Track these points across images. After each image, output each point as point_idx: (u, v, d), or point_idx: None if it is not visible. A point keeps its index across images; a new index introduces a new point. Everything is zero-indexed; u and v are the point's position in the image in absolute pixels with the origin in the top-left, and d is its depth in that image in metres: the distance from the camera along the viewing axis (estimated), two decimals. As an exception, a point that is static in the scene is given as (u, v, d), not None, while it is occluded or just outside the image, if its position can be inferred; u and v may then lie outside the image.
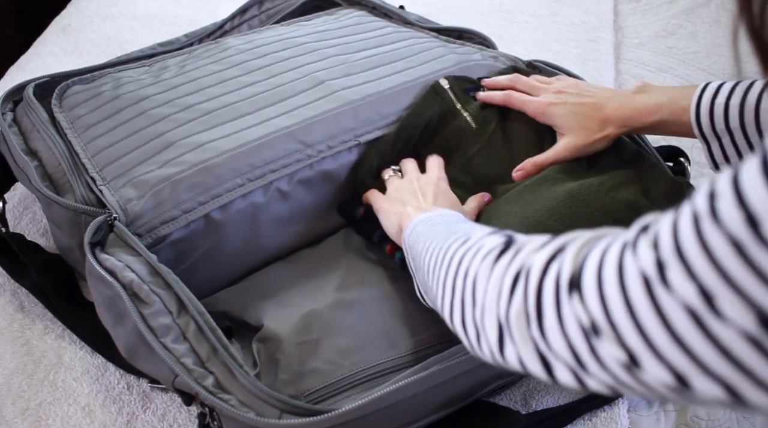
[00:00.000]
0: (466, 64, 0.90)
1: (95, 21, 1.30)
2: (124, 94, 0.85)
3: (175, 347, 0.62)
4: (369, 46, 0.93)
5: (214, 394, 0.59)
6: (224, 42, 0.96)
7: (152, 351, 0.62)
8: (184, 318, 0.64)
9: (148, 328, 0.62)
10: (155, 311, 0.63)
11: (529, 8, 1.35)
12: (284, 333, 0.68)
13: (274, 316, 0.71)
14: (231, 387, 0.60)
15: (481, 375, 0.65)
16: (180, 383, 0.61)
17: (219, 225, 0.73)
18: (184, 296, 0.65)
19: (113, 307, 0.65)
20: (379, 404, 0.58)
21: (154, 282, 0.66)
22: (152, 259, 0.67)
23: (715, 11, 1.33)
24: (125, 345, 0.65)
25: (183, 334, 0.63)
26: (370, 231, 0.79)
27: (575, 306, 0.38)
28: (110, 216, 0.70)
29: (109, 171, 0.76)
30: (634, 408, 0.71)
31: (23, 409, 0.70)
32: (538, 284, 0.42)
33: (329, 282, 0.76)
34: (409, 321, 0.72)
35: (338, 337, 0.69)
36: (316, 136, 0.78)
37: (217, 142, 0.77)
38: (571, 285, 0.39)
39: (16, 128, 0.86)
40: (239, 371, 0.60)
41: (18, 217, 0.91)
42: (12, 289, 0.82)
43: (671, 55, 1.23)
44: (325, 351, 0.68)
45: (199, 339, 0.63)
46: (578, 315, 0.38)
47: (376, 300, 0.74)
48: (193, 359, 0.61)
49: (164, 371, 0.62)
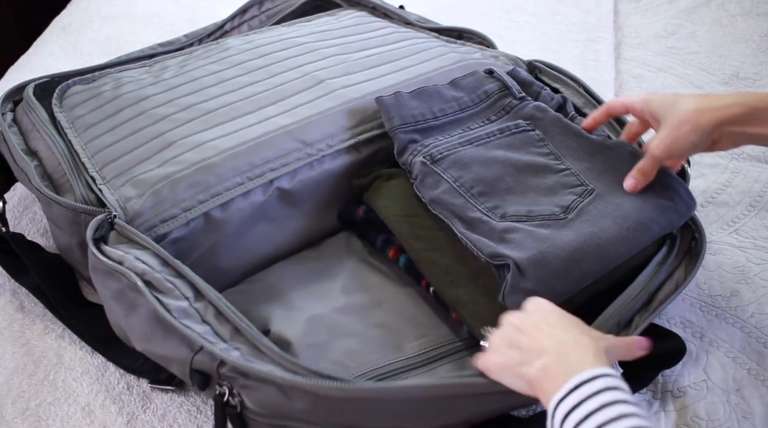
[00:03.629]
0: (466, 63, 0.90)
1: (95, 21, 1.30)
2: (124, 94, 0.85)
3: (194, 326, 0.62)
4: (369, 45, 0.94)
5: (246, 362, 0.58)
6: (224, 42, 0.96)
7: (169, 333, 0.61)
8: (202, 303, 0.64)
9: (166, 309, 0.62)
10: (172, 297, 0.63)
11: (529, 8, 1.35)
12: (292, 337, 0.68)
13: (281, 320, 0.71)
14: (258, 360, 0.60)
15: (501, 404, 0.63)
16: (200, 360, 0.60)
17: (219, 224, 0.73)
18: (199, 283, 0.65)
19: (124, 299, 0.65)
20: (414, 393, 0.58)
21: (166, 271, 0.66)
22: (161, 251, 0.67)
23: (715, 11, 1.33)
24: (140, 333, 0.64)
25: (202, 318, 0.63)
26: (372, 236, 0.79)
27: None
28: (110, 214, 0.70)
29: (109, 170, 0.76)
30: (635, 408, 0.71)
31: (23, 409, 0.70)
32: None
33: (333, 287, 0.76)
34: (415, 323, 0.72)
35: (345, 339, 0.69)
36: (316, 135, 0.78)
37: (216, 140, 0.77)
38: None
39: (16, 128, 0.86)
40: (267, 345, 0.59)
41: (18, 217, 0.91)
42: (12, 289, 0.82)
43: (671, 55, 1.23)
44: (332, 353, 0.68)
45: (220, 320, 0.63)
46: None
47: (381, 303, 0.74)
48: (215, 338, 0.61)
49: (182, 351, 0.61)
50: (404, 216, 0.75)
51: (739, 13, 1.32)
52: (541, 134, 0.79)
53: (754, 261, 0.84)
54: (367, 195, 0.79)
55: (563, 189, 0.73)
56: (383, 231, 0.77)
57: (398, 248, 0.76)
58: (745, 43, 1.24)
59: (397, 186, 0.77)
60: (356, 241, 0.82)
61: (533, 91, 0.85)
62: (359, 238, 0.82)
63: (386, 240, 0.77)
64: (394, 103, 0.80)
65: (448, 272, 0.70)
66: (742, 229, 0.88)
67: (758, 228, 0.88)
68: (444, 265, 0.71)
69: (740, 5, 1.34)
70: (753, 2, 1.34)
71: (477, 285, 0.69)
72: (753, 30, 1.27)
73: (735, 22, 1.30)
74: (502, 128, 0.80)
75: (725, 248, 0.86)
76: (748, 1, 1.35)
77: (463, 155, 0.76)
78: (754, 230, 0.88)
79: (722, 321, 0.78)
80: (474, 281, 0.69)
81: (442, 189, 0.73)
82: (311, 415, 0.59)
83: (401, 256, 0.76)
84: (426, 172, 0.75)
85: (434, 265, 0.71)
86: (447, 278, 0.70)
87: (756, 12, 1.32)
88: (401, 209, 0.75)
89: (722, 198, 0.93)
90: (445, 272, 0.71)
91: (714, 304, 0.80)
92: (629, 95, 0.75)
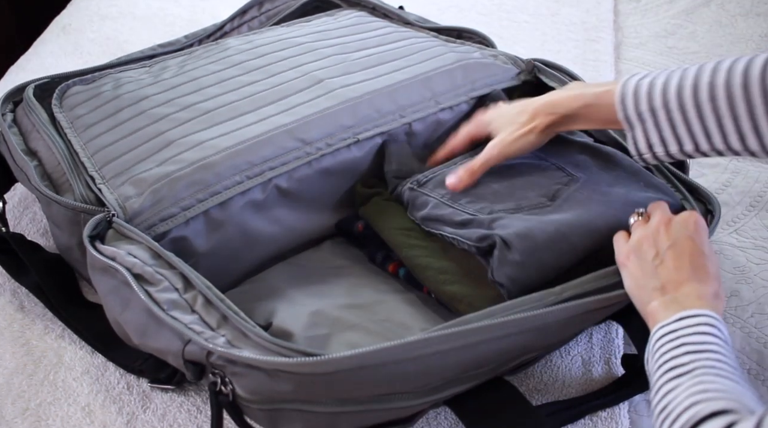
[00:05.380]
0: (465, 62, 0.90)
1: (95, 21, 1.30)
2: (123, 94, 0.86)
3: (183, 317, 0.61)
4: (368, 45, 0.94)
5: (227, 348, 0.58)
6: (224, 42, 0.96)
7: (161, 325, 0.61)
8: (191, 293, 0.64)
9: (154, 302, 0.62)
10: (161, 288, 0.63)
11: (529, 8, 1.35)
12: (294, 329, 0.68)
13: (283, 314, 0.71)
14: (243, 345, 0.59)
15: (507, 345, 0.62)
16: (191, 351, 0.60)
17: (218, 223, 0.73)
18: (189, 273, 0.64)
19: (119, 295, 0.65)
20: (398, 353, 0.57)
21: (157, 264, 0.66)
22: (153, 244, 0.67)
23: (715, 11, 1.33)
24: (135, 328, 0.64)
25: (191, 307, 0.63)
26: (371, 252, 0.80)
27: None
28: (109, 213, 0.70)
29: (108, 169, 0.76)
30: (635, 408, 0.71)
31: (23, 409, 0.70)
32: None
33: (336, 287, 0.76)
34: (418, 319, 0.72)
35: (347, 332, 0.69)
36: (315, 134, 0.79)
37: (215, 139, 0.77)
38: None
39: (16, 129, 0.86)
40: (251, 329, 0.59)
41: (18, 217, 0.91)
42: (12, 289, 0.82)
43: (671, 55, 1.23)
44: (335, 345, 0.67)
45: (208, 309, 0.62)
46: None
47: (384, 301, 0.74)
48: (203, 326, 0.61)
49: (174, 343, 0.61)
50: (399, 229, 0.76)
51: (739, 13, 1.32)
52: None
53: (754, 261, 0.84)
54: (363, 210, 0.80)
55: (549, 181, 0.76)
56: (382, 248, 0.78)
57: (397, 264, 0.77)
58: (745, 43, 1.24)
59: (394, 206, 0.79)
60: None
61: None
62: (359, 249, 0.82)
63: (386, 256, 0.78)
64: (396, 152, 0.82)
65: (442, 273, 0.72)
66: (742, 229, 0.88)
67: (758, 228, 0.88)
68: (438, 267, 0.72)
69: (740, 5, 1.34)
70: (753, 2, 1.34)
71: (470, 279, 0.70)
72: (753, 30, 1.27)
73: (735, 22, 1.30)
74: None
75: (725, 248, 0.86)
76: (748, 1, 1.35)
77: (447, 173, 0.79)
78: (754, 230, 0.88)
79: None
80: (467, 276, 0.71)
81: (430, 206, 0.76)
82: (299, 394, 0.58)
83: (400, 269, 0.77)
84: (414, 196, 0.78)
85: (428, 269, 0.72)
86: (441, 278, 0.71)
87: (756, 12, 1.32)
88: (397, 223, 0.77)
89: (722, 198, 0.93)
90: (439, 273, 0.72)
91: (714, 304, 0.80)
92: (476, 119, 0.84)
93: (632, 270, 0.64)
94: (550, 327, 0.63)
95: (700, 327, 0.56)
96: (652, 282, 0.62)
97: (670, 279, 0.62)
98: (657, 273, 0.62)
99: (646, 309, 0.62)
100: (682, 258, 0.63)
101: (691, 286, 0.60)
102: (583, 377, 0.73)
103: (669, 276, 0.62)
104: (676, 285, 0.61)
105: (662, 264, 0.63)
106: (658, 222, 0.66)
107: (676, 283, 0.61)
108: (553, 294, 0.64)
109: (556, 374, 0.73)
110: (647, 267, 0.63)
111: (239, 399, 0.60)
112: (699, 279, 0.61)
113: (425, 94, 0.86)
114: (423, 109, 0.85)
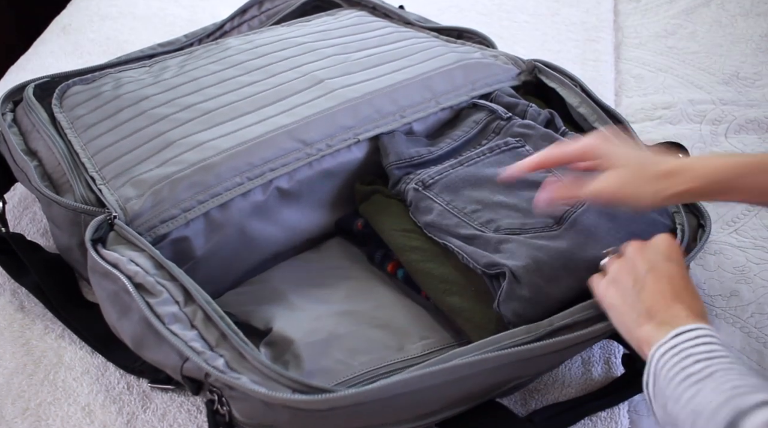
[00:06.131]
0: (465, 62, 0.90)
1: (95, 21, 1.30)
2: (124, 94, 0.85)
3: (183, 333, 0.61)
4: (368, 45, 0.94)
5: (225, 372, 0.58)
6: (224, 42, 0.96)
7: (160, 339, 0.61)
8: (191, 307, 0.64)
9: (155, 315, 0.62)
10: (162, 300, 0.63)
11: (529, 8, 1.35)
12: (294, 335, 0.68)
13: (283, 320, 0.71)
14: (241, 368, 0.59)
15: (502, 375, 0.64)
16: (189, 368, 0.60)
17: (219, 224, 0.73)
18: (190, 286, 0.64)
19: (118, 301, 0.65)
20: (394, 390, 0.58)
21: (159, 274, 0.66)
22: (156, 253, 0.67)
23: (715, 11, 1.33)
24: (131, 337, 0.64)
25: (191, 322, 0.63)
26: (370, 251, 0.80)
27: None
28: (110, 215, 0.70)
29: (109, 170, 0.76)
30: (635, 409, 0.71)
31: (23, 409, 0.70)
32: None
33: (336, 290, 0.76)
34: (417, 326, 0.72)
35: (347, 339, 0.69)
36: (315, 135, 0.78)
37: (216, 140, 0.77)
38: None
39: (16, 128, 0.86)
40: (250, 352, 0.59)
41: (18, 217, 0.91)
42: (12, 289, 0.82)
43: (671, 55, 1.23)
44: (335, 351, 0.68)
45: (208, 326, 0.62)
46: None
47: (384, 306, 0.74)
48: (202, 344, 0.61)
49: (172, 358, 0.61)
50: (400, 231, 0.76)
51: (739, 13, 1.32)
52: (531, 149, 0.81)
53: (754, 261, 0.84)
54: (363, 208, 0.80)
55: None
56: (381, 247, 0.78)
57: (396, 263, 0.77)
58: (745, 43, 1.24)
59: (395, 204, 0.79)
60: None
61: (520, 110, 0.87)
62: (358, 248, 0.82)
63: (384, 255, 0.78)
64: (391, 141, 0.81)
65: (443, 281, 0.71)
66: (742, 229, 0.88)
67: (758, 228, 0.88)
68: (438, 275, 0.72)
69: (740, 5, 1.34)
70: (753, 2, 1.34)
71: (471, 293, 0.70)
72: (753, 30, 1.27)
73: (735, 22, 1.30)
74: (491, 147, 0.82)
75: (725, 248, 0.86)
76: (748, 1, 1.34)
77: (453, 177, 0.78)
78: (754, 230, 0.88)
79: (722, 321, 0.78)
80: (468, 289, 0.70)
81: (435, 212, 0.75)
82: (295, 425, 0.58)
83: (399, 270, 0.77)
84: (419, 197, 0.77)
85: (429, 276, 0.72)
86: (441, 287, 0.71)
87: (756, 12, 1.32)
88: (397, 224, 0.76)
89: (722, 198, 0.93)
90: (440, 282, 0.71)
91: (714, 304, 0.80)
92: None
93: (613, 302, 0.63)
94: (539, 358, 0.63)
95: (702, 339, 0.55)
96: (636, 308, 0.60)
97: (654, 303, 0.60)
98: (640, 299, 0.61)
99: (636, 336, 0.59)
100: (662, 280, 0.61)
101: (678, 306, 0.59)
102: (582, 377, 0.73)
103: (653, 300, 0.60)
104: (662, 307, 0.59)
105: (644, 289, 0.61)
106: (632, 252, 0.64)
107: (662, 306, 0.59)
108: (542, 326, 0.64)
109: (556, 374, 0.73)
110: (628, 295, 0.62)
111: (235, 421, 0.60)
112: (682, 299, 0.59)
113: (426, 95, 0.86)
114: (423, 109, 0.85)
